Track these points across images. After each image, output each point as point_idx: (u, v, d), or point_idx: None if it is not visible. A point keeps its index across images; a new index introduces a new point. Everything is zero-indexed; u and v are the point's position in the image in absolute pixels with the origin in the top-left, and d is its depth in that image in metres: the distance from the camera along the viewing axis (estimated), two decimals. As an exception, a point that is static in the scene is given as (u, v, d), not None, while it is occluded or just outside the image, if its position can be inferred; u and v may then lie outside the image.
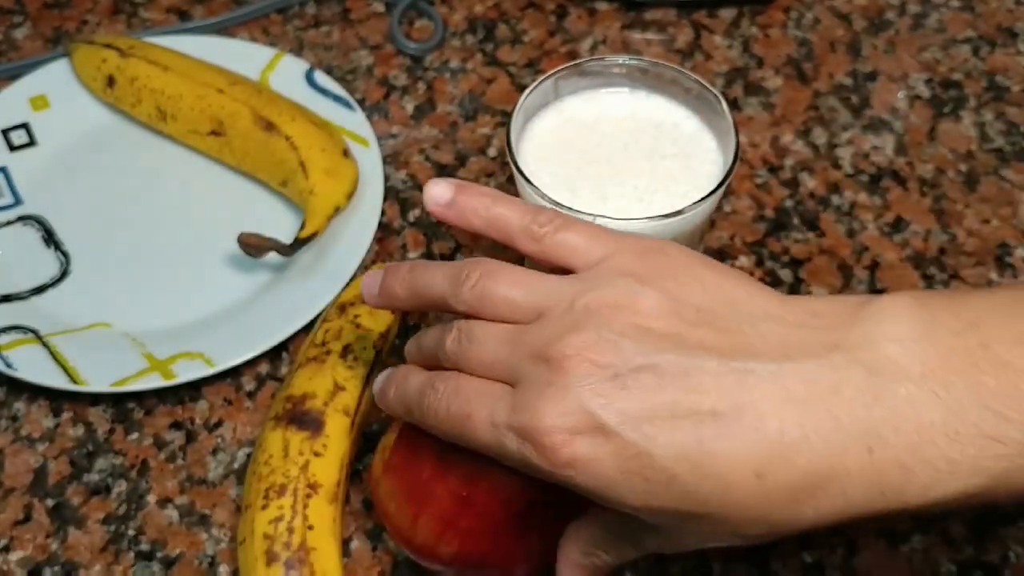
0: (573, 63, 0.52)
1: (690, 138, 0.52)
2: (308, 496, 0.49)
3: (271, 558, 0.47)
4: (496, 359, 0.39)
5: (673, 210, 0.48)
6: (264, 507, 0.48)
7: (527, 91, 0.51)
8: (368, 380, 0.53)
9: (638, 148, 0.52)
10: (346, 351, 0.53)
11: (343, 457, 0.51)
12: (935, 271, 0.61)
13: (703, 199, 0.48)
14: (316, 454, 0.50)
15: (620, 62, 0.53)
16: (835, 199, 0.64)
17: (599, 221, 0.45)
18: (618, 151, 0.52)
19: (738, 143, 0.50)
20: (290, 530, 0.48)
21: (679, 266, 0.39)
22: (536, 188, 0.49)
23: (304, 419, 0.50)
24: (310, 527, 0.48)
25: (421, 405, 0.41)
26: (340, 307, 0.55)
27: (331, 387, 0.51)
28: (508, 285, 0.39)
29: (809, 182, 0.65)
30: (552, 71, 0.52)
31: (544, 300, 0.39)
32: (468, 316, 0.40)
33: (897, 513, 0.35)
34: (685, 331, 0.36)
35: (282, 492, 0.49)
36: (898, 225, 0.63)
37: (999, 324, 0.35)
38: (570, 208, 0.47)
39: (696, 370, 0.36)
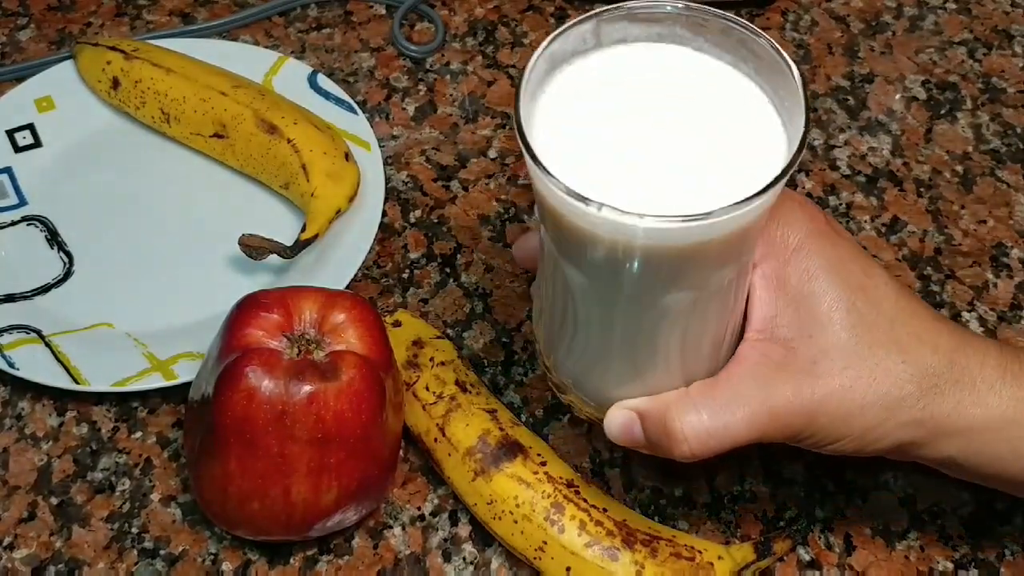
0: (619, 7, 0.42)
1: (753, 113, 0.42)
2: (576, 492, 0.50)
3: (612, 556, 0.48)
4: None
5: (733, 200, 0.37)
6: (561, 531, 0.49)
7: (557, 32, 0.41)
8: (484, 385, 0.55)
9: (689, 117, 0.42)
10: (459, 384, 0.53)
11: (553, 452, 0.52)
12: (931, 271, 0.61)
13: (765, 189, 0.37)
14: (542, 464, 0.51)
15: (682, 9, 0.42)
16: (832, 200, 0.64)
17: (646, 217, 0.37)
18: (666, 120, 0.41)
19: (807, 124, 0.39)
20: (598, 524, 0.49)
21: None
22: (551, 176, 0.38)
23: (504, 452, 0.51)
24: (604, 509, 0.50)
25: None
26: (407, 363, 0.54)
27: (487, 416, 0.52)
28: None
29: (806, 183, 0.65)
30: (594, 11, 0.42)
31: None
32: None
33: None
34: None
35: (560, 509, 0.49)
36: (894, 226, 0.63)
37: None
38: (619, 210, 0.37)
39: None
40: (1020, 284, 0.61)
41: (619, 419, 0.45)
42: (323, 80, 0.68)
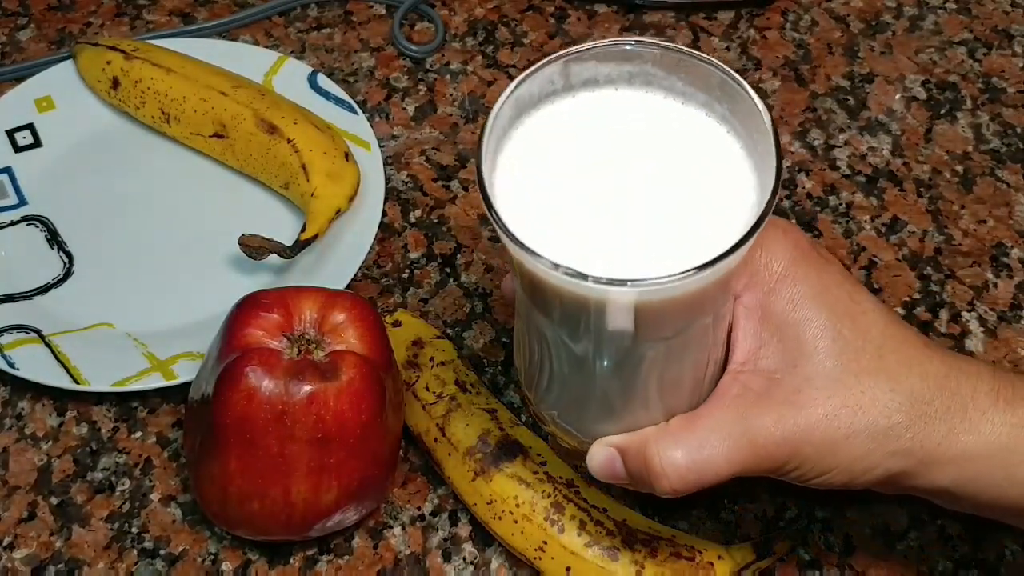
0: (587, 45, 0.40)
1: (726, 162, 0.40)
2: (576, 492, 0.50)
3: (612, 556, 0.48)
4: None
5: (703, 259, 0.36)
6: (561, 531, 0.49)
7: (523, 75, 0.39)
8: (484, 385, 0.55)
9: (660, 168, 0.40)
10: (459, 384, 0.53)
11: (553, 452, 0.52)
12: (931, 271, 0.61)
13: (738, 244, 0.36)
14: (542, 464, 0.51)
15: (652, 51, 0.40)
16: (832, 200, 0.64)
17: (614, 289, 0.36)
18: (635, 172, 0.40)
19: (779, 172, 0.38)
20: (598, 524, 0.49)
21: None
22: (519, 242, 0.37)
23: (504, 452, 0.51)
24: (604, 509, 0.50)
25: None
26: (407, 363, 0.54)
27: (487, 416, 0.52)
28: None
29: (806, 183, 0.65)
30: (559, 53, 0.40)
31: None
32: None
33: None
34: None
35: (560, 509, 0.49)
36: (894, 226, 0.63)
37: None
38: (578, 274, 0.36)
39: None
40: (1020, 284, 0.61)
41: (600, 456, 0.44)
42: (323, 80, 0.68)
